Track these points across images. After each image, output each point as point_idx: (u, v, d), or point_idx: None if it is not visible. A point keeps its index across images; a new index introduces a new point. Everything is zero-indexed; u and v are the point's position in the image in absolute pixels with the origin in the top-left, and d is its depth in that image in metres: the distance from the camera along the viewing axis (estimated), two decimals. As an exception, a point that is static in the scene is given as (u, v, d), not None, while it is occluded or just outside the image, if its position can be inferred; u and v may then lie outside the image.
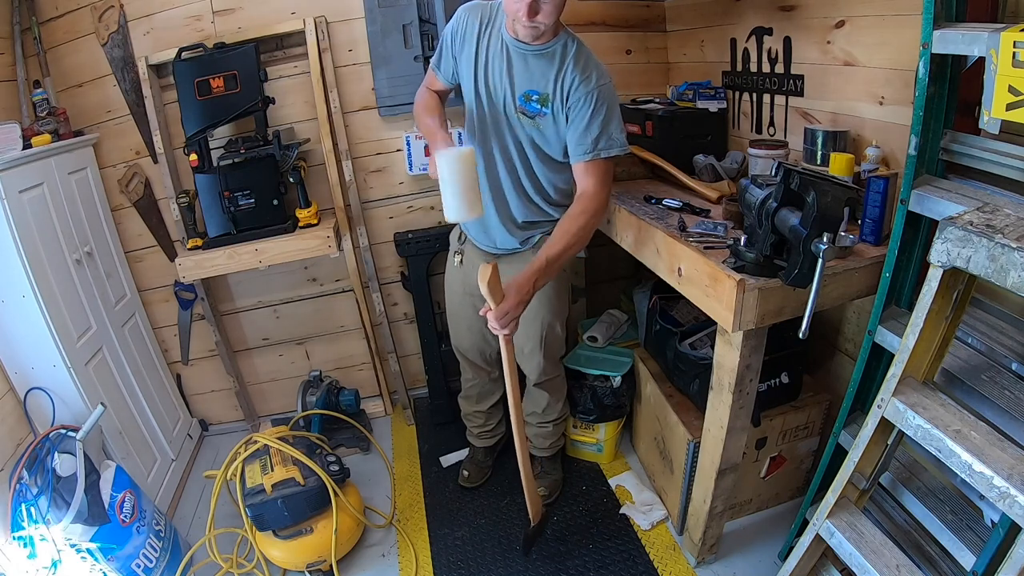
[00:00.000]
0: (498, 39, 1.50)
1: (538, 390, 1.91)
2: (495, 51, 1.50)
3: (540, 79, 1.47)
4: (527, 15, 1.33)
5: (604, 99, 1.44)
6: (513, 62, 1.49)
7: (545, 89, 1.47)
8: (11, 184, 1.66)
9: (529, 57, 1.47)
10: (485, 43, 1.51)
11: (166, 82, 2.12)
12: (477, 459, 2.16)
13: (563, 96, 1.46)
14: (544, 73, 1.47)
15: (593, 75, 1.45)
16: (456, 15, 1.56)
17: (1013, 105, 0.92)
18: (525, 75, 1.49)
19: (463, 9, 1.55)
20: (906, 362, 1.09)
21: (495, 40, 1.50)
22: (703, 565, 1.74)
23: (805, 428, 1.76)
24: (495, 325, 1.36)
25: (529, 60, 1.48)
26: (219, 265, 2.09)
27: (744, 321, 1.21)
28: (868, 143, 1.45)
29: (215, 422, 2.64)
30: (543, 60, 1.47)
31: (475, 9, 1.54)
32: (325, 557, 1.77)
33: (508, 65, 1.49)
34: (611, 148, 1.45)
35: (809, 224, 1.05)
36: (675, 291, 1.48)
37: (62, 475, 1.58)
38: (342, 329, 2.57)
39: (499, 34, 1.50)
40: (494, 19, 1.51)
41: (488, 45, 1.51)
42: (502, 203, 1.65)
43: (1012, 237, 0.88)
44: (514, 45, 1.47)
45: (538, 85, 1.48)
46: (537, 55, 1.47)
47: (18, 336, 1.71)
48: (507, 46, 1.49)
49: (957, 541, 1.15)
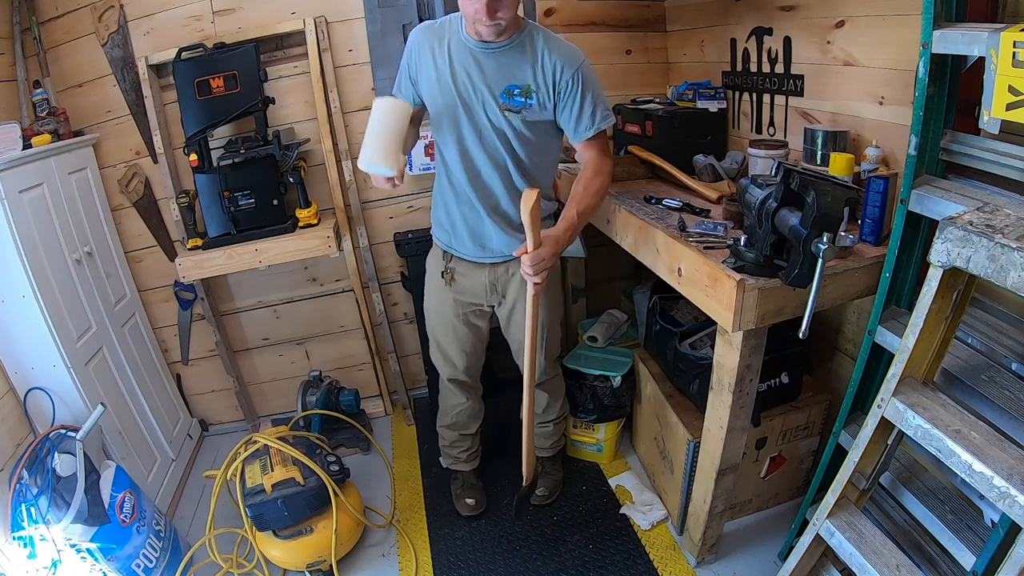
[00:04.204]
0: (461, 48, 1.47)
1: (538, 391, 1.91)
2: (461, 60, 1.47)
3: (517, 72, 1.46)
4: (487, 15, 1.31)
5: (588, 76, 1.47)
6: (483, 64, 1.46)
7: (526, 81, 1.46)
8: (11, 184, 1.66)
9: (498, 55, 1.45)
10: (446, 56, 1.47)
11: (166, 82, 2.12)
12: (471, 483, 2.05)
13: (549, 83, 1.46)
14: (519, 66, 1.45)
15: (572, 56, 1.46)
16: (410, 40, 1.54)
17: (1013, 105, 0.92)
18: (500, 73, 1.46)
19: (416, 32, 1.53)
20: (906, 362, 1.09)
21: (458, 50, 1.47)
22: (703, 565, 1.74)
23: (805, 428, 1.76)
24: (529, 270, 1.37)
25: (499, 58, 1.45)
26: (219, 265, 2.09)
27: (744, 321, 1.21)
28: (868, 143, 1.45)
29: (215, 422, 2.64)
30: (513, 54, 1.45)
31: (427, 29, 1.52)
32: (325, 557, 1.77)
33: (479, 69, 1.46)
34: (608, 118, 1.50)
35: (809, 224, 1.05)
36: (675, 291, 1.48)
37: (62, 475, 1.58)
38: (342, 329, 2.57)
39: (461, 43, 1.47)
40: (450, 32, 1.49)
41: (451, 57, 1.47)
42: (496, 209, 1.61)
43: (1012, 237, 0.88)
44: (480, 47, 1.45)
45: (517, 79, 1.46)
46: (506, 50, 1.45)
47: (18, 336, 1.71)
48: (472, 51, 1.46)
49: (957, 541, 1.15)
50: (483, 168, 1.57)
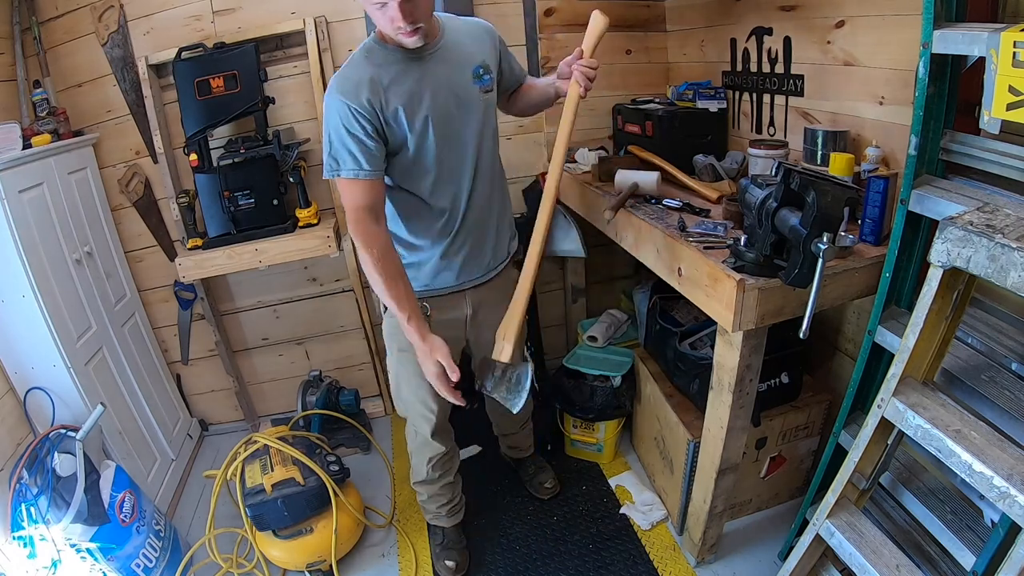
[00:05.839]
0: (406, 71, 1.29)
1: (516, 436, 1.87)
2: (416, 81, 1.29)
3: (468, 57, 1.38)
4: (404, 19, 1.17)
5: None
6: (436, 70, 1.32)
7: (482, 59, 1.40)
8: (11, 184, 1.66)
9: (442, 52, 1.34)
10: (399, 89, 1.28)
11: (166, 82, 2.12)
12: (453, 540, 1.85)
13: (493, 53, 1.45)
14: (467, 51, 1.39)
15: (484, 22, 1.49)
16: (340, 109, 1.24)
17: (1013, 105, 0.92)
18: (458, 65, 1.36)
19: (339, 100, 1.24)
20: (906, 362, 1.09)
21: (405, 75, 1.28)
22: (703, 565, 1.74)
23: (805, 428, 1.76)
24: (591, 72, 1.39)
25: (445, 54, 1.35)
26: (219, 265, 2.09)
27: (744, 321, 1.21)
28: (868, 143, 1.45)
29: (215, 422, 2.65)
30: (451, 45, 1.36)
31: (349, 88, 1.25)
32: (325, 557, 1.77)
33: (437, 76, 1.32)
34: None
35: (809, 224, 1.05)
36: (675, 291, 1.48)
37: (62, 475, 1.58)
38: (342, 329, 2.57)
39: (403, 66, 1.29)
40: (376, 71, 1.26)
41: (405, 86, 1.28)
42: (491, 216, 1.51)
43: (1012, 237, 0.88)
44: (421, 58, 1.30)
45: (475, 60, 1.39)
46: (446, 49, 1.35)
47: (18, 336, 1.72)
48: (418, 65, 1.30)
49: (957, 541, 1.15)
50: (479, 187, 1.45)
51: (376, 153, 1.28)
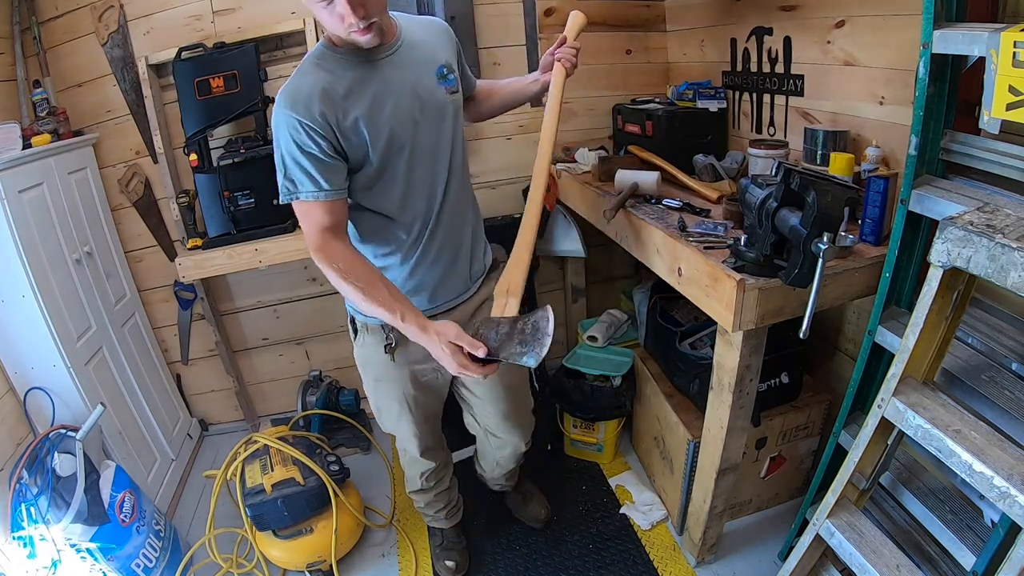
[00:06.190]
0: (363, 77, 1.17)
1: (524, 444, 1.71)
2: (375, 87, 1.17)
3: (430, 56, 1.27)
4: (355, 14, 1.05)
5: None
6: (397, 73, 1.20)
7: (445, 58, 1.30)
8: (11, 184, 1.66)
9: (401, 53, 1.22)
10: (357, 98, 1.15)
11: (166, 82, 2.12)
12: (453, 541, 1.84)
13: (453, 52, 1.34)
14: (428, 50, 1.27)
15: (437, 19, 1.43)
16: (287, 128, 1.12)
17: (1013, 105, 0.92)
18: (421, 66, 1.24)
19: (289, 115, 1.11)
20: (906, 362, 1.09)
21: (363, 81, 1.16)
22: (703, 565, 1.74)
23: (805, 428, 1.76)
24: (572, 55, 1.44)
25: (405, 55, 1.23)
26: (219, 265, 2.09)
27: (744, 321, 1.21)
28: (868, 143, 1.45)
29: (215, 422, 2.64)
30: (413, 49, 1.25)
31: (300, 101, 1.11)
32: (325, 557, 1.77)
33: (399, 80, 1.20)
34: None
35: (809, 224, 1.05)
36: (675, 291, 1.48)
37: (62, 475, 1.58)
38: (342, 329, 2.56)
39: (359, 72, 1.16)
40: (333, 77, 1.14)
41: (364, 94, 1.16)
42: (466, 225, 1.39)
43: (1012, 237, 0.88)
44: (379, 60, 1.19)
45: (438, 60, 1.28)
46: (406, 49, 1.23)
47: (18, 336, 1.72)
48: (376, 69, 1.18)
49: (957, 541, 1.15)
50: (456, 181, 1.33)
51: (336, 168, 1.16)
